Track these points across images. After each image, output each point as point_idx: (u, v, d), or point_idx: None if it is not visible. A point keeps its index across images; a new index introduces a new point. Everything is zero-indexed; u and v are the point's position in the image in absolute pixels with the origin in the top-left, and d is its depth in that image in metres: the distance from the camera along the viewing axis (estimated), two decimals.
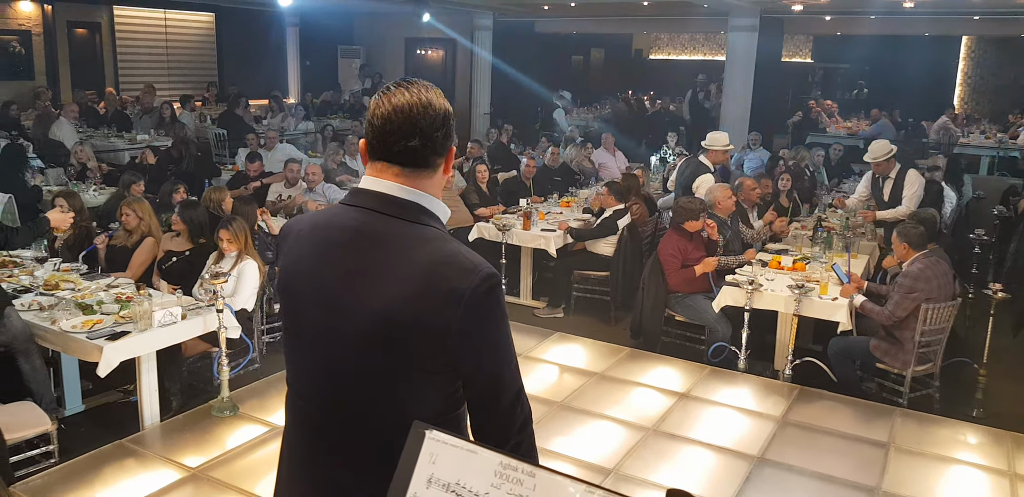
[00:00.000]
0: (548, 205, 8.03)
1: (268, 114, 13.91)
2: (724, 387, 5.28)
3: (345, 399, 1.62)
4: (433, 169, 1.60)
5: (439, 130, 1.56)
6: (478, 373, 1.56)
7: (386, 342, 1.52)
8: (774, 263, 5.91)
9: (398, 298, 1.49)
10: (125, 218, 5.57)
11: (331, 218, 1.65)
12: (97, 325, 4.40)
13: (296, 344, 1.71)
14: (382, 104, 1.55)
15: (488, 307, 1.51)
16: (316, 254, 1.63)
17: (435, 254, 1.52)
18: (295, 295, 1.67)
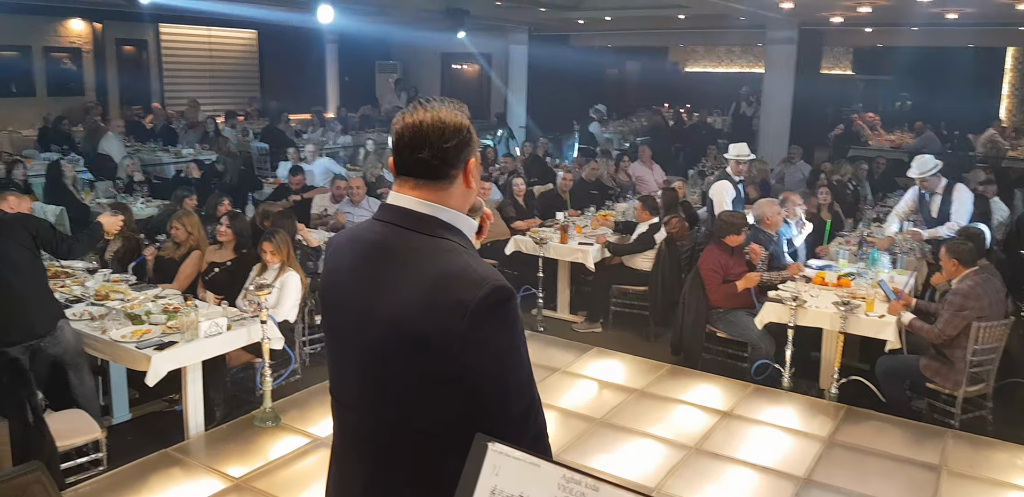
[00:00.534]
0: (585, 218, 8.01)
1: (309, 128, 14.11)
2: (768, 406, 5.20)
3: (373, 405, 1.68)
4: (449, 181, 1.66)
5: (449, 141, 1.61)
6: (483, 383, 1.57)
7: (399, 350, 1.58)
8: (818, 279, 5.82)
9: (409, 308, 1.55)
10: (175, 231, 5.68)
11: (362, 232, 1.76)
12: (145, 335, 4.48)
13: (331, 352, 1.81)
14: (399, 121, 1.65)
15: (494, 318, 1.54)
16: (346, 266, 1.73)
17: (446, 266, 1.57)
18: (330, 305, 1.78)
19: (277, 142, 12.28)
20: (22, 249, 4.17)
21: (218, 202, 6.69)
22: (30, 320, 4.17)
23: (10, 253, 4.13)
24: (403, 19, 13.57)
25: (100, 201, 8.08)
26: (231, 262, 5.57)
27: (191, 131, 12.41)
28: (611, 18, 13.48)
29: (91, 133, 10.78)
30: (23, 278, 4.16)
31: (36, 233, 4.25)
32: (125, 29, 14.17)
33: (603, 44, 17.62)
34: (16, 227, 4.20)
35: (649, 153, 10.47)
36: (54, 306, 4.38)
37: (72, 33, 13.75)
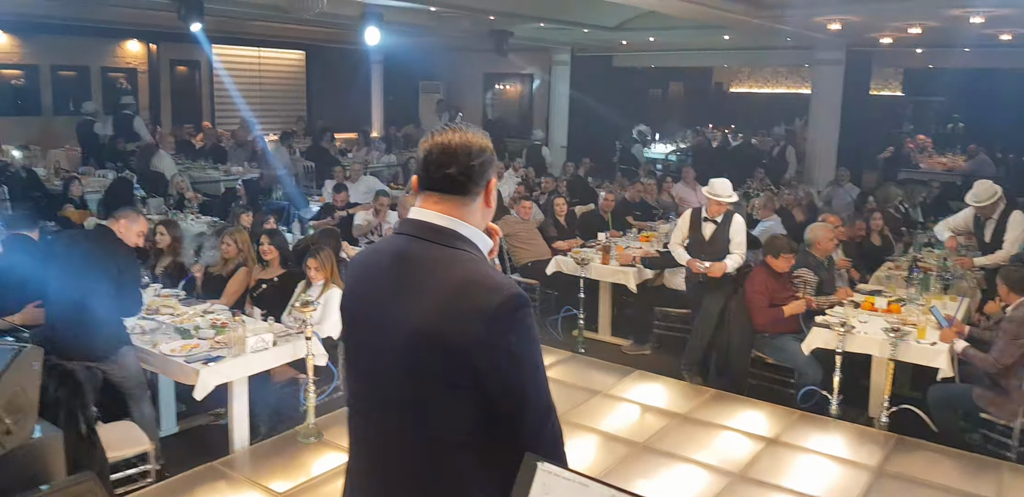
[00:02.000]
0: (627, 239, 7.98)
1: (354, 147, 14.31)
2: (815, 433, 5.08)
3: (391, 415, 1.72)
4: (471, 197, 1.75)
5: (475, 159, 1.72)
6: (501, 388, 1.61)
7: (418, 357, 1.62)
8: (867, 304, 5.71)
9: (428, 314, 1.61)
10: (225, 247, 5.78)
11: (383, 245, 1.85)
12: (194, 349, 4.56)
13: (350, 362, 1.86)
14: (427, 140, 1.75)
15: (511, 324, 1.59)
16: (366, 278, 1.80)
17: (465, 274, 1.63)
18: (351, 316, 1.84)
19: (322, 161, 12.47)
20: (104, 279, 4.26)
21: (264, 220, 6.80)
22: (92, 342, 4.27)
23: (91, 278, 4.23)
24: (447, 40, 13.76)
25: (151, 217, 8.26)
26: (278, 278, 5.65)
27: (240, 149, 12.67)
28: (655, 39, 13.50)
29: (143, 151, 11.07)
30: (94, 304, 4.24)
31: (121, 269, 4.32)
32: (179, 50, 14.59)
33: (646, 64, 17.60)
34: (107, 259, 4.29)
35: (693, 174, 10.42)
36: (120, 332, 4.44)
37: (128, 54, 14.19)
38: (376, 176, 11.28)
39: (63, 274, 4.26)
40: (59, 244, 4.42)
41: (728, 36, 12.37)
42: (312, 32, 13.51)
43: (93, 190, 9.14)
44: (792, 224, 7.98)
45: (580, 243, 7.68)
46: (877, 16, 9.27)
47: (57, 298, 4.32)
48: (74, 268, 4.24)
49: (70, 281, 4.23)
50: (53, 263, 4.34)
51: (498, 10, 10.57)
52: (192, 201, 8.80)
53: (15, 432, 3.01)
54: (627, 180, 11.01)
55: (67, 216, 8.03)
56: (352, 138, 15.41)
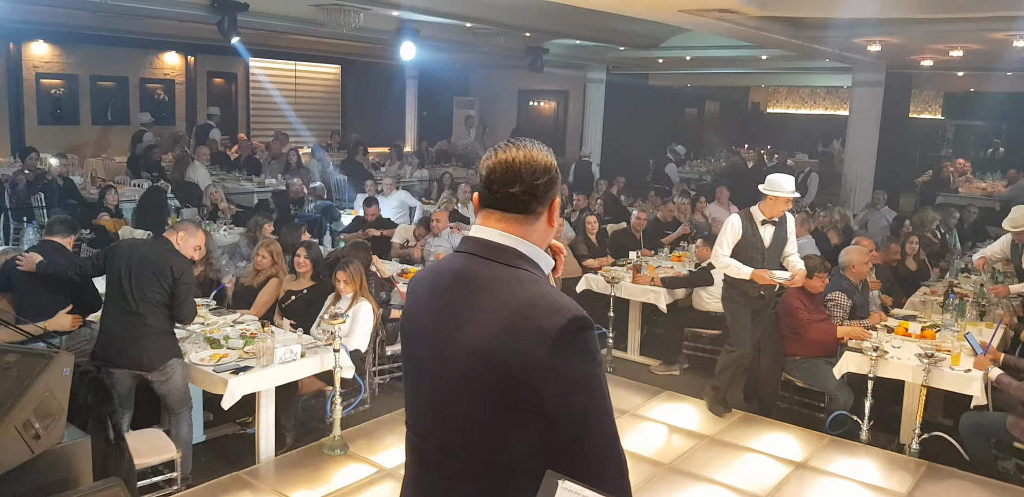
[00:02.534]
0: (658, 259, 7.93)
1: (387, 162, 14.43)
2: (845, 458, 5.00)
3: (450, 436, 1.68)
4: (535, 216, 1.69)
5: (539, 179, 1.66)
6: (564, 415, 1.55)
7: (478, 379, 1.58)
8: (900, 329, 5.60)
9: (488, 335, 1.56)
10: (259, 259, 5.84)
11: (442, 264, 1.80)
12: (223, 359, 4.60)
13: (409, 382, 1.82)
14: (491, 157, 1.69)
15: (574, 347, 1.53)
16: (425, 297, 1.76)
17: (526, 295, 1.58)
18: (409, 336, 1.80)
19: (355, 174, 12.59)
20: (159, 288, 4.32)
21: (298, 232, 6.85)
22: (141, 352, 4.31)
23: (146, 287, 4.30)
24: (482, 56, 13.85)
25: None
26: (307, 290, 5.69)
27: (274, 162, 12.83)
28: (691, 58, 13.50)
29: (179, 161, 11.26)
30: (149, 313, 4.31)
31: (177, 279, 4.35)
32: (216, 62, 14.85)
33: (682, 83, 17.60)
34: (165, 268, 4.33)
35: (727, 194, 10.34)
36: (170, 345, 4.45)
37: (167, 66, 14.48)
38: (408, 191, 11.35)
39: (121, 282, 4.32)
40: (117, 253, 4.44)
41: (766, 56, 12.33)
42: (348, 47, 13.67)
43: (128, 199, 9.29)
44: (826, 247, 7.88)
45: (611, 262, 7.65)
46: (918, 38, 9.19)
47: (113, 306, 4.37)
48: (132, 277, 4.30)
49: (127, 290, 4.29)
50: (111, 271, 4.39)
51: (534, 27, 10.63)
52: (225, 212, 8.90)
53: (44, 437, 3.04)
54: (660, 199, 10.94)
55: (102, 225, 8.16)
56: (385, 152, 15.54)
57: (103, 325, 4.45)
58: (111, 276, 4.39)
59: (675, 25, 9.12)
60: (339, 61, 16.46)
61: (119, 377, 4.37)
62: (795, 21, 8.68)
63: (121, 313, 4.32)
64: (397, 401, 5.72)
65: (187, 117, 14.68)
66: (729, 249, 5.39)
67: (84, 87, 13.38)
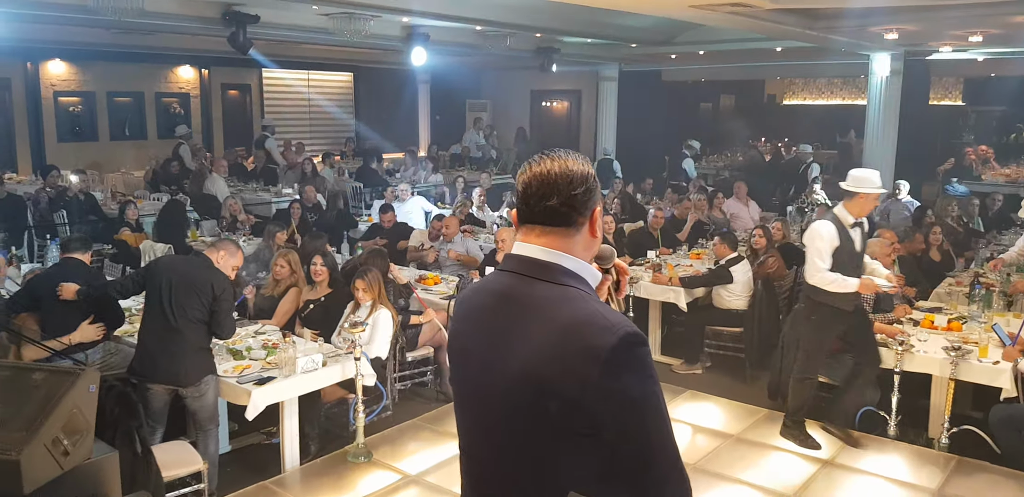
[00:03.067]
0: (677, 257, 7.88)
1: (401, 167, 14.48)
2: (873, 454, 4.95)
3: (504, 462, 1.63)
4: (576, 229, 1.63)
5: (577, 189, 1.61)
6: (623, 438, 1.49)
7: (528, 401, 1.53)
8: (926, 322, 5.53)
9: (537, 357, 1.51)
10: (279, 269, 5.87)
11: (486, 283, 1.74)
12: (246, 370, 4.63)
13: (460, 406, 1.78)
14: (525, 171, 1.65)
15: (628, 366, 1.47)
16: (471, 317, 1.72)
17: (574, 313, 1.53)
18: (456, 358, 1.76)
19: (371, 181, 12.64)
20: (200, 305, 4.36)
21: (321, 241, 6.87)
22: (179, 368, 4.35)
23: (186, 304, 4.34)
24: (494, 59, 13.86)
25: (205, 239, 8.46)
26: (325, 297, 5.72)
27: (290, 172, 12.92)
28: (704, 52, 13.42)
29: (196, 174, 11.36)
30: (187, 329, 4.35)
31: (217, 296, 4.39)
32: (230, 74, 14.99)
33: (696, 78, 17.48)
34: (205, 285, 4.37)
35: (745, 189, 10.26)
36: (207, 361, 4.49)
37: (181, 79, 14.63)
38: (424, 196, 11.39)
39: (161, 299, 4.35)
40: (157, 270, 4.47)
41: (780, 48, 12.23)
42: (359, 54, 13.75)
43: (148, 213, 9.39)
44: None
45: (629, 261, 7.61)
46: (936, 25, 9.06)
47: (152, 322, 4.39)
48: (172, 293, 4.34)
49: (167, 306, 4.33)
50: (151, 288, 4.41)
51: (544, 27, 10.62)
52: (244, 223, 8.97)
53: (72, 453, 3.08)
54: (677, 196, 10.87)
55: (123, 239, 8.24)
56: (399, 158, 15.60)
57: (141, 341, 4.48)
58: (151, 293, 4.41)
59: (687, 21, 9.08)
60: (351, 69, 16.55)
61: (155, 392, 4.40)
62: (809, 12, 8.60)
63: (160, 329, 4.35)
64: (419, 407, 5.74)
65: (203, 130, 14.81)
66: (829, 261, 4.76)
67: (101, 103, 13.56)
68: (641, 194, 11.66)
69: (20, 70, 12.60)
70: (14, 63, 12.38)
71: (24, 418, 3.00)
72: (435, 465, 4.79)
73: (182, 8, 8.44)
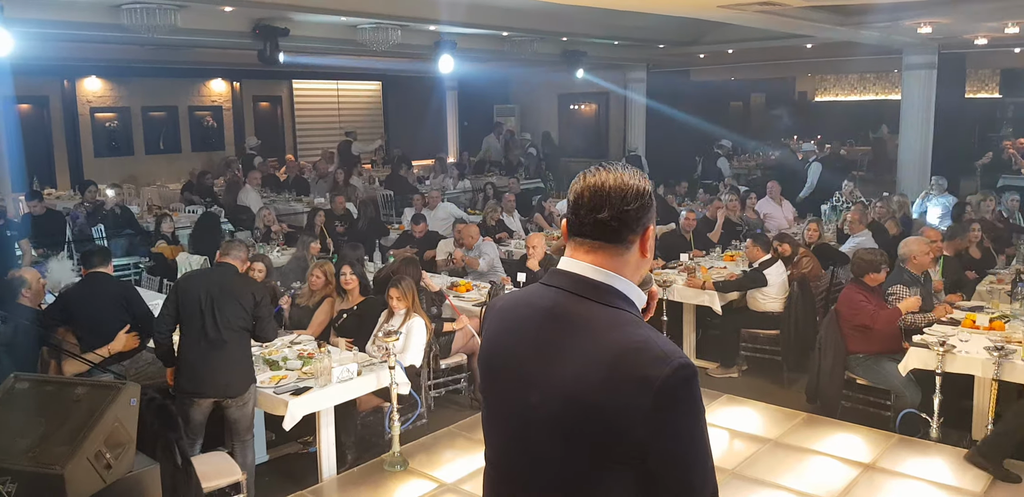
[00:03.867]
0: (710, 259, 7.81)
1: (431, 174, 14.55)
2: (915, 458, 4.85)
3: (537, 482, 1.60)
4: (626, 246, 1.59)
5: (631, 204, 1.56)
6: (664, 470, 1.48)
7: (570, 425, 1.50)
8: (967, 322, 5.41)
9: (585, 382, 1.48)
10: (315, 279, 5.92)
11: (528, 297, 1.69)
12: (283, 380, 4.67)
13: (489, 419, 1.74)
14: (578, 181, 1.60)
15: (680, 399, 1.45)
16: (511, 331, 1.67)
17: (626, 339, 1.49)
18: (492, 373, 1.71)
19: (401, 189, 12.71)
20: (244, 313, 4.41)
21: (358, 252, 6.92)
22: (228, 379, 4.40)
23: (231, 315, 4.38)
24: (521, 63, 13.89)
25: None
26: (358, 306, 5.76)
27: (321, 181, 13.05)
28: (733, 51, 13.31)
29: (231, 186, 11.52)
30: (231, 339, 4.39)
31: (259, 302, 4.46)
32: (261, 86, 15.22)
33: (726, 77, 17.36)
34: (246, 293, 4.45)
35: (778, 189, 10.14)
36: (251, 370, 4.55)
37: (213, 93, 14.87)
38: (454, 202, 11.43)
39: (203, 313, 4.36)
40: (189, 286, 4.46)
41: (811, 44, 12.10)
42: (388, 63, 13.86)
43: (183, 226, 9.53)
44: (885, 238, 7.67)
45: (661, 264, 7.55)
46: (970, 17, 8.89)
47: (194, 338, 4.38)
48: (215, 306, 4.36)
49: (208, 319, 4.35)
50: (188, 304, 4.39)
51: (570, 31, 10.62)
52: (278, 234, 9.06)
53: (115, 466, 3.13)
54: (709, 197, 10.78)
55: (160, 252, 8.37)
56: (429, 165, 15.69)
57: (185, 358, 4.43)
58: (189, 309, 4.37)
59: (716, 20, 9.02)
60: (379, 77, 16.70)
61: (198, 406, 4.42)
62: (840, 8, 8.48)
63: (204, 343, 4.36)
64: (453, 415, 5.75)
65: (236, 141, 15.03)
66: None
67: (136, 118, 13.84)
68: (674, 196, 11.58)
69: (57, 87, 12.91)
70: (52, 81, 12.69)
71: (67, 432, 3.06)
72: (471, 473, 4.78)
73: (214, 23, 8.58)
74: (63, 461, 2.94)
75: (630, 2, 7.63)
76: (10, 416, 3.21)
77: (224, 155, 14.52)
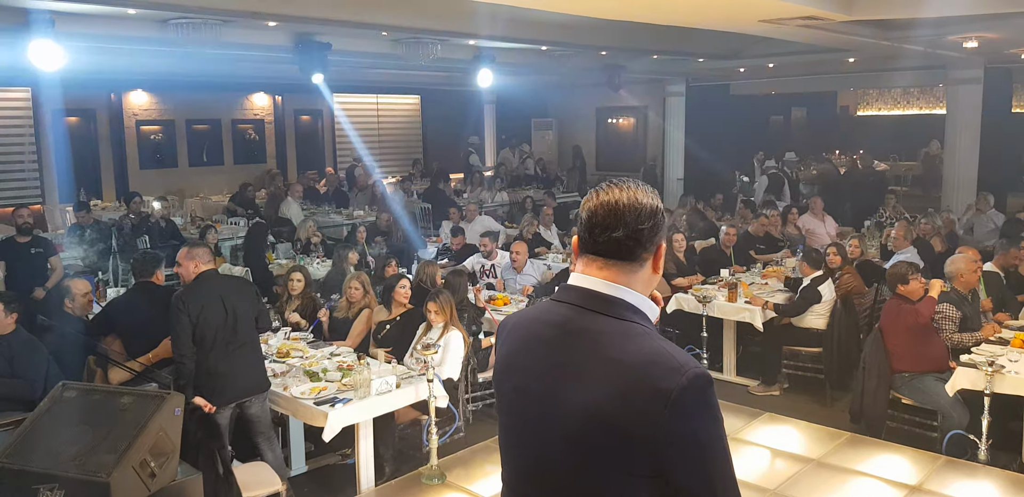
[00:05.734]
0: (751, 275, 7.72)
1: (468, 187, 14.62)
2: (963, 481, 4.70)
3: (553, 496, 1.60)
4: (640, 264, 1.60)
5: (645, 223, 1.57)
6: (687, 480, 1.47)
7: (589, 440, 1.50)
8: (1017, 341, 5.27)
9: (602, 396, 1.48)
10: (353, 291, 5.97)
11: (541, 314, 1.69)
12: (322, 392, 4.70)
13: (505, 439, 1.73)
14: (591, 199, 1.60)
15: (697, 409, 1.45)
16: (525, 349, 1.66)
17: (641, 352, 1.49)
18: (505, 388, 1.71)
19: (439, 202, 12.77)
20: (253, 310, 4.60)
21: (386, 263, 6.98)
22: (257, 378, 4.56)
23: (248, 314, 4.54)
24: (559, 77, 13.93)
25: (281, 262, 8.65)
26: (400, 317, 5.78)
27: (360, 194, 13.17)
28: (774, 65, 13.21)
29: (272, 198, 11.67)
30: (251, 338, 4.56)
31: (258, 298, 4.70)
32: (303, 100, 15.43)
33: (766, 91, 17.21)
34: (251, 293, 4.68)
35: (821, 204, 10.00)
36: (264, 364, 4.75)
37: (256, 106, 15.12)
38: (491, 215, 11.46)
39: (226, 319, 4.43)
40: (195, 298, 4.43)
41: (853, 58, 11.96)
42: (427, 77, 13.99)
43: (225, 237, 9.67)
44: (931, 255, 7.52)
45: (701, 280, 7.49)
46: (1017, 31, 8.72)
47: (219, 346, 4.41)
48: (234, 310, 4.46)
49: (230, 324, 4.44)
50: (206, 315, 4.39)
51: (610, 45, 10.62)
52: (318, 246, 9.15)
53: (159, 475, 3.18)
54: (750, 212, 10.68)
55: None
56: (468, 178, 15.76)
57: (215, 370, 4.40)
58: (208, 319, 4.37)
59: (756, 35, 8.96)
60: (418, 91, 16.85)
61: (222, 411, 4.48)
62: (883, 23, 8.37)
63: (230, 349, 4.43)
64: (491, 429, 5.72)
65: (277, 154, 15.26)
66: None
67: (180, 131, 14.11)
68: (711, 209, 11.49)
69: (104, 101, 13.22)
70: (99, 94, 12.99)
71: (113, 441, 3.11)
72: None
73: (257, 38, 8.74)
74: (109, 469, 2.98)
75: (670, 16, 7.60)
76: (58, 424, 3.27)
77: (267, 168, 14.72)
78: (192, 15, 7.37)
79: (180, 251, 4.60)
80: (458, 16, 8.46)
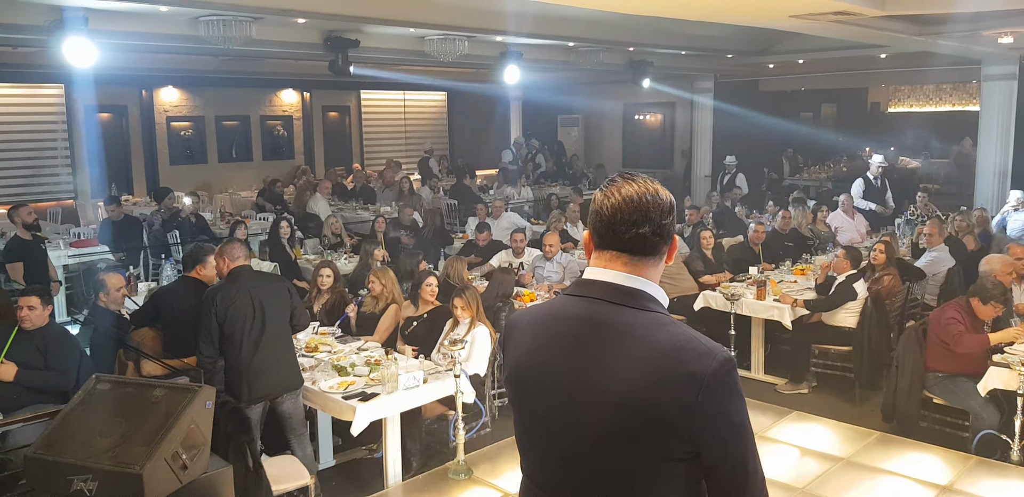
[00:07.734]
0: (780, 273, 7.64)
1: (494, 184, 14.62)
2: (994, 480, 4.65)
3: (586, 489, 1.61)
4: (659, 257, 1.64)
5: (667, 217, 1.60)
6: (723, 461, 1.53)
7: (626, 429, 1.52)
8: None
9: (636, 384, 1.51)
10: (372, 286, 6.01)
11: (559, 309, 1.70)
12: (350, 386, 4.73)
13: (530, 434, 1.74)
14: (612, 195, 1.60)
15: (728, 391, 1.50)
16: (548, 345, 1.66)
17: (671, 339, 1.53)
18: (527, 386, 1.70)
19: (465, 198, 12.80)
20: (287, 307, 4.60)
21: (415, 259, 6.99)
22: (288, 374, 4.58)
23: (280, 311, 4.55)
24: (586, 74, 13.88)
25: (308, 257, 8.71)
26: (428, 314, 5.80)
27: (387, 190, 13.23)
28: (804, 61, 13.06)
29: (300, 194, 11.74)
30: (283, 334, 4.57)
31: (292, 294, 4.69)
32: (330, 96, 15.54)
33: (795, 87, 17.03)
34: (283, 289, 4.65)
35: (851, 202, 9.89)
36: (297, 361, 4.74)
37: (284, 103, 15.24)
38: (517, 212, 11.45)
39: (254, 316, 4.45)
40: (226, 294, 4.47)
41: (885, 54, 11.79)
42: (454, 74, 14.01)
43: (254, 233, 9.75)
44: (963, 254, 7.40)
45: (729, 277, 7.43)
46: None
47: (249, 343, 4.43)
48: (264, 307, 4.48)
49: (260, 321, 4.46)
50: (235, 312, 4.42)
51: (638, 41, 10.56)
52: (345, 241, 9.20)
53: (190, 467, 3.21)
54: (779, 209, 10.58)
55: None
56: (493, 174, 15.77)
57: (246, 367, 4.43)
58: (238, 315, 4.41)
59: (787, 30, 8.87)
60: (445, 88, 16.87)
61: (254, 408, 4.53)
62: (916, 18, 8.25)
63: (261, 346, 4.45)
64: None
65: (305, 150, 15.37)
66: None
67: (210, 127, 14.25)
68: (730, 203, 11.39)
69: (136, 97, 13.40)
70: (131, 91, 13.17)
71: (146, 433, 3.15)
72: None
73: (287, 35, 8.80)
74: (142, 461, 3.02)
75: (698, 12, 7.54)
76: (92, 416, 3.31)
77: (295, 164, 14.83)
78: (223, 12, 7.44)
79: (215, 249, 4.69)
80: (486, 13, 8.47)
